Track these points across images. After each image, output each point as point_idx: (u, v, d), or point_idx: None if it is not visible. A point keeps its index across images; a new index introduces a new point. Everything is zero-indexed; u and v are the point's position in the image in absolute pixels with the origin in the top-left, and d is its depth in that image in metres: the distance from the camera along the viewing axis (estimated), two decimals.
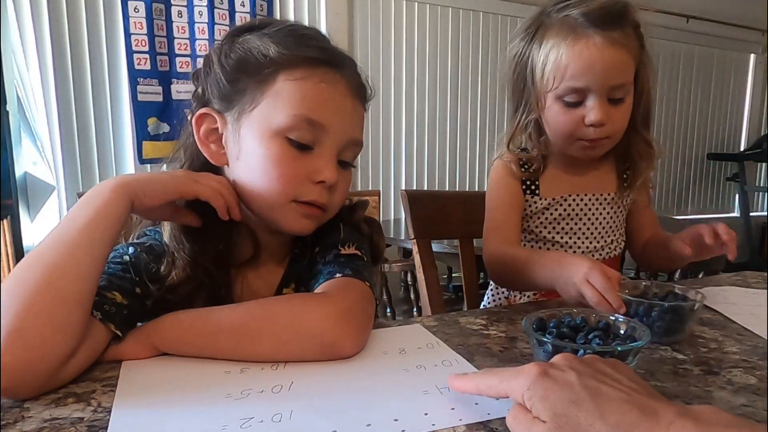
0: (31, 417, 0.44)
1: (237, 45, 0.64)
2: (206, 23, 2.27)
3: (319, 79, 0.62)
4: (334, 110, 0.63)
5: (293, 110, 0.61)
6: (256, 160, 0.62)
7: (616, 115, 0.85)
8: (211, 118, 0.65)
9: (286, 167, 0.62)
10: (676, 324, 0.62)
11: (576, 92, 0.84)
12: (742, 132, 4.17)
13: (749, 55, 4.03)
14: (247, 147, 0.63)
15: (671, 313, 0.62)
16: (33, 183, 2.13)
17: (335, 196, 0.66)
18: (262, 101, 0.62)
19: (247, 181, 0.64)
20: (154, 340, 0.56)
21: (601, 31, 0.81)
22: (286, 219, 0.64)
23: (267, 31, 0.64)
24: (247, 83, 0.62)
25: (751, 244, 3.88)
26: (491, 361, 0.56)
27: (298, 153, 0.62)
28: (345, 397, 0.47)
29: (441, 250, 1.79)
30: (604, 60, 0.81)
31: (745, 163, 3.90)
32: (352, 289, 0.61)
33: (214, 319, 0.56)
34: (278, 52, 0.61)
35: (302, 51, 0.62)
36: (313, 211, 0.65)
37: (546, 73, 0.85)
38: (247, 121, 0.63)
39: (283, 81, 0.61)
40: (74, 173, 2.21)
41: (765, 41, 3.91)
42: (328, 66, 0.63)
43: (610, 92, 0.84)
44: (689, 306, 0.63)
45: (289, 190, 0.62)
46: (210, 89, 0.66)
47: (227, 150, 0.66)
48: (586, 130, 0.85)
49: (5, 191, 1.82)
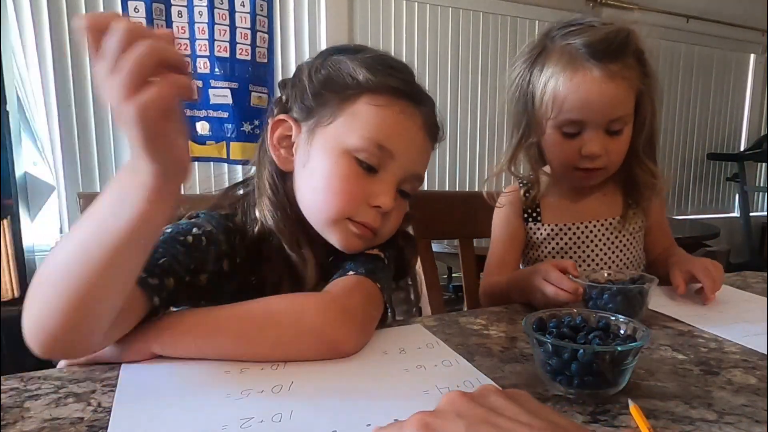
0: (31, 417, 0.44)
1: (329, 62, 0.67)
2: (206, 23, 2.27)
3: (399, 109, 0.64)
4: (405, 141, 0.65)
5: (368, 133, 0.63)
6: (321, 173, 0.65)
7: (612, 146, 0.86)
8: (287, 125, 0.68)
9: (348, 185, 0.64)
10: (627, 306, 0.68)
11: (573, 124, 0.84)
12: (742, 132, 4.17)
13: (749, 55, 4.03)
14: (316, 158, 0.65)
15: (620, 296, 0.68)
16: (33, 183, 2.13)
17: (388, 223, 0.68)
18: (340, 118, 0.64)
19: (309, 191, 0.67)
20: (153, 344, 0.55)
21: (600, 64, 0.80)
22: (338, 235, 0.66)
23: (359, 56, 0.67)
24: (330, 99, 0.65)
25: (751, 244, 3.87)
26: (491, 361, 0.56)
27: (363, 174, 0.64)
28: (345, 397, 0.47)
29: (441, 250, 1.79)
30: (602, 94, 0.81)
31: (745, 163, 3.90)
32: (359, 289, 0.62)
33: (214, 319, 0.56)
34: (366, 77, 0.64)
35: (388, 80, 0.64)
36: (365, 233, 0.66)
37: (545, 101, 0.86)
38: (321, 133, 0.65)
39: (364, 104, 0.64)
40: (74, 173, 2.21)
41: (765, 41, 3.91)
42: (409, 99, 0.65)
43: (608, 125, 0.84)
44: (636, 289, 0.69)
45: (347, 208, 0.64)
46: (294, 98, 0.68)
47: (296, 157, 0.68)
48: (582, 160, 0.86)
49: (5, 191, 1.82)
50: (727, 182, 4.15)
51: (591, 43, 0.81)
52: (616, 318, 0.56)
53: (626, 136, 0.87)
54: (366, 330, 0.60)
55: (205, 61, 2.27)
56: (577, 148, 0.85)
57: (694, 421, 0.45)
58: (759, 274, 1.01)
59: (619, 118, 0.84)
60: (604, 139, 0.84)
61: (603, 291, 0.70)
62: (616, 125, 0.84)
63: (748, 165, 4.01)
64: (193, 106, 2.29)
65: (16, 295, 1.84)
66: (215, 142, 2.34)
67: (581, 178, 0.90)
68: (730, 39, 3.83)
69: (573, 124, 0.84)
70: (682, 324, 0.71)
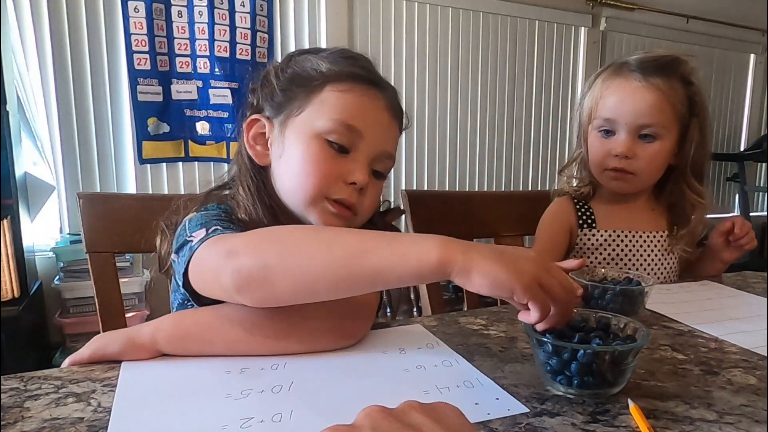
0: (31, 417, 0.44)
1: (293, 62, 0.73)
2: (206, 23, 2.27)
3: (361, 92, 0.69)
4: (371, 120, 0.69)
5: (335, 115, 0.67)
6: (296, 159, 0.69)
7: (642, 152, 0.90)
8: (261, 123, 0.73)
9: (322, 165, 0.67)
10: (627, 306, 0.70)
11: (608, 122, 0.91)
12: (742, 132, 4.17)
13: (749, 55, 4.03)
14: (290, 147, 0.70)
15: (622, 296, 0.70)
16: (33, 183, 2.13)
17: (365, 200, 0.70)
18: (308, 107, 0.68)
19: (287, 178, 0.70)
20: (158, 340, 0.56)
21: (641, 74, 0.88)
22: (317, 214, 0.69)
23: (321, 53, 0.72)
24: (298, 92, 0.69)
25: None
26: (491, 361, 0.56)
27: (335, 154, 0.68)
28: (345, 397, 0.47)
29: None
30: (635, 97, 0.88)
31: (745, 163, 3.90)
32: None
33: (219, 312, 0.57)
34: (328, 68, 0.69)
35: (349, 68, 0.69)
36: (343, 211, 0.69)
37: (590, 106, 0.94)
38: (292, 124, 0.69)
39: (328, 91, 0.68)
40: (74, 173, 2.20)
41: (765, 41, 3.91)
42: (370, 84, 0.70)
43: (639, 129, 0.90)
44: (638, 290, 0.71)
45: (323, 187, 0.67)
46: (263, 98, 0.73)
47: (271, 151, 0.72)
48: (612, 160, 0.92)
49: (5, 191, 1.82)
50: (727, 182, 4.15)
51: (641, 59, 0.91)
52: (617, 318, 0.56)
53: (660, 149, 0.91)
54: (372, 317, 0.64)
55: (205, 61, 2.27)
56: (610, 148, 0.91)
57: (694, 421, 0.45)
58: (759, 274, 1.01)
59: (650, 124, 0.89)
60: (634, 142, 0.90)
61: (605, 291, 0.70)
62: (647, 131, 0.89)
63: (748, 165, 4.01)
64: (193, 106, 2.29)
65: (16, 295, 1.84)
66: (215, 142, 2.34)
67: (612, 179, 0.94)
68: (730, 39, 3.83)
69: (607, 122, 0.91)
70: (682, 324, 0.71)
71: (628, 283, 0.74)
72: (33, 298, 1.88)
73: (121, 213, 0.90)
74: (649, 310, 0.75)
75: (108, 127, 2.25)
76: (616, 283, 0.75)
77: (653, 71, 0.88)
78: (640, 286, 0.72)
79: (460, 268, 0.47)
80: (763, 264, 3.71)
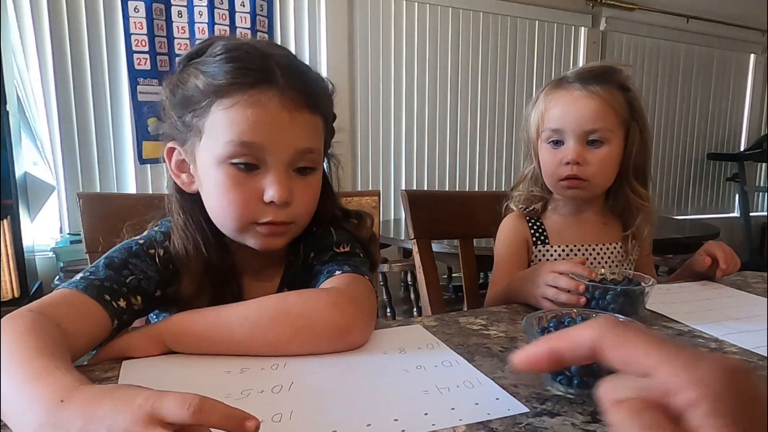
0: None
1: (181, 80, 0.65)
2: (206, 23, 2.27)
3: (247, 102, 0.61)
4: (268, 128, 0.62)
5: (228, 137, 0.61)
6: (211, 191, 0.65)
7: (592, 157, 0.93)
8: (177, 151, 0.68)
9: (234, 192, 0.63)
10: (628, 306, 0.70)
11: (556, 132, 0.94)
12: (742, 132, 4.17)
13: (749, 55, 4.03)
14: (203, 178, 0.65)
15: (623, 296, 0.70)
16: (33, 183, 2.13)
17: (295, 209, 0.66)
18: (204, 134, 0.63)
19: (210, 209, 0.67)
20: (166, 337, 0.57)
21: (581, 84, 0.92)
22: (251, 240, 0.66)
23: (204, 59, 0.64)
24: (190, 119, 0.64)
25: (751, 244, 3.87)
26: (491, 361, 0.56)
27: (245, 175, 0.63)
28: (345, 397, 0.47)
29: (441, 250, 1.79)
30: (578, 105, 0.92)
31: (745, 163, 3.90)
32: (356, 282, 0.65)
33: (227, 313, 0.58)
34: (207, 83, 0.62)
35: (229, 78, 0.61)
36: (277, 230, 0.65)
37: (536, 121, 0.97)
38: (198, 153, 0.65)
39: (215, 112, 0.62)
40: (74, 173, 2.21)
41: (765, 41, 3.91)
42: (256, 84, 0.62)
43: (586, 135, 0.92)
44: (639, 290, 0.71)
45: (244, 214, 0.64)
46: (170, 126, 0.67)
47: (195, 179, 0.67)
48: (565, 168, 0.93)
49: (5, 191, 1.82)
50: (727, 182, 4.15)
51: (578, 72, 0.95)
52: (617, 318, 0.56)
53: (609, 152, 0.92)
54: (372, 320, 0.63)
55: None
56: (561, 157, 0.93)
57: None
58: (759, 274, 1.01)
59: (595, 129, 0.91)
60: (584, 149, 0.92)
61: (606, 291, 0.70)
62: (594, 136, 0.92)
63: (748, 165, 4.02)
64: None
65: (16, 295, 1.84)
66: None
67: (566, 188, 0.95)
68: (730, 39, 3.84)
69: (555, 132, 0.94)
70: (682, 324, 0.71)
71: (628, 284, 0.74)
72: (33, 298, 1.87)
73: (121, 213, 0.90)
74: (649, 311, 0.75)
75: (108, 127, 2.25)
76: (617, 284, 0.75)
77: (591, 80, 0.92)
78: (641, 286, 0.72)
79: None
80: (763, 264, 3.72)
